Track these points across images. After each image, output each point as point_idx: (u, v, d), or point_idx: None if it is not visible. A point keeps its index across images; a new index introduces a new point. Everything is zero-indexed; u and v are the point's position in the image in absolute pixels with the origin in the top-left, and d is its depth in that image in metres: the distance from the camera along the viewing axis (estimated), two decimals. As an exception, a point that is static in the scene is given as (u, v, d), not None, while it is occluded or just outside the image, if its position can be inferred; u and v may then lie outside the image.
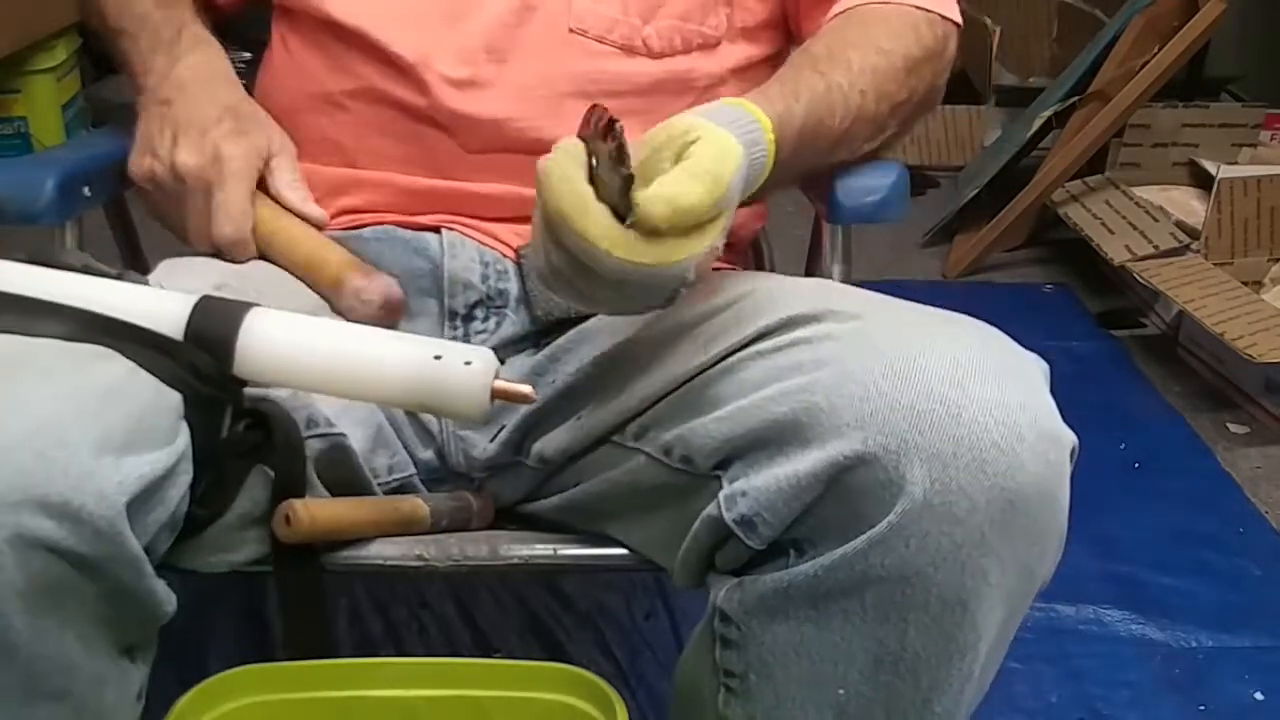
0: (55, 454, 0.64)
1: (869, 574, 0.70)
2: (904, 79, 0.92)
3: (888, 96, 0.91)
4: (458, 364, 0.73)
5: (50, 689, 0.68)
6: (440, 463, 0.95)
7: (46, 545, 0.64)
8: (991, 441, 0.69)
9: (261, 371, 0.74)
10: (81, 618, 0.68)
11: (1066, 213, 2.36)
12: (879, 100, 0.90)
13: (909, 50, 0.92)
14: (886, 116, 0.92)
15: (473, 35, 0.93)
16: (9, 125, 2.51)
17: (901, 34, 0.93)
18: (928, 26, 0.95)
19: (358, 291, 0.91)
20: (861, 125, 0.90)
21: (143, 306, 0.74)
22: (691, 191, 0.71)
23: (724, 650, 0.78)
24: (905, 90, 0.92)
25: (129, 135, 0.98)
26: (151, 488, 0.69)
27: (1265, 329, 1.90)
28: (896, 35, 0.93)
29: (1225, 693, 1.40)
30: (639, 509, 0.86)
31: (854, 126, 0.89)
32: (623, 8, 0.95)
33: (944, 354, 0.71)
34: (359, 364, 0.75)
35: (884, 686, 0.73)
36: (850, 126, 0.89)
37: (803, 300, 0.78)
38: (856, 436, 0.69)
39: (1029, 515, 0.70)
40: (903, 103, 0.93)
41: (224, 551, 0.83)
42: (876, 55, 0.91)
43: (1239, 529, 1.70)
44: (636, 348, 0.85)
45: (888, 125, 0.93)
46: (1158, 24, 2.32)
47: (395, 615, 1.43)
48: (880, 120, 0.92)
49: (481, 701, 0.81)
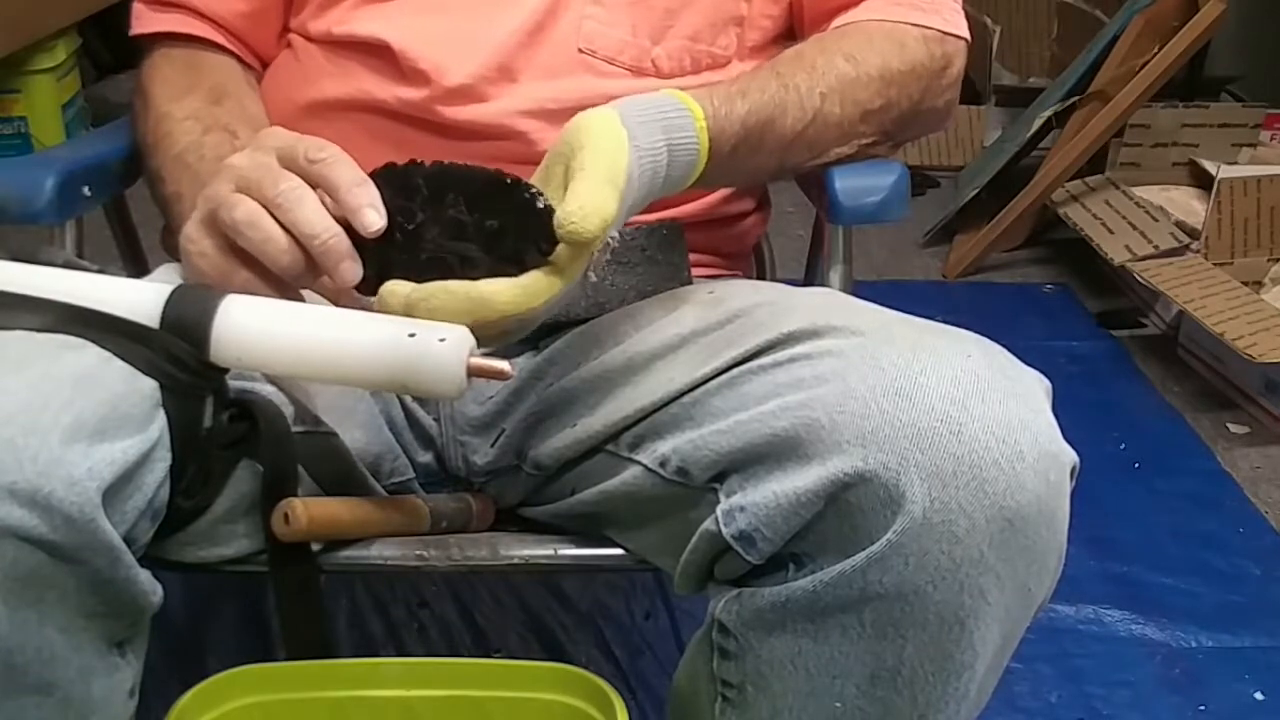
0: (24, 441, 0.64)
1: (868, 591, 0.70)
2: (879, 88, 0.92)
3: (856, 103, 0.91)
4: (432, 341, 0.73)
5: (34, 682, 0.68)
6: (439, 466, 0.95)
7: (18, 534, 0.64)
8: (992, 460, 0.69)
9: (238, 356, 0.74)
10: (62, 609, 0.68)
11: (1066, 213, 2.36)
12: (844, 104, 0.90)
13: (886, 62, 0.92)
14: (856, 122, 0.92)
15: (486, 54, 0.93)
16: (9, 125, 2.51)
17: (882, 47, 0.93)
18: (919, 43, 0.95)
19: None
20: (824, 128, 0.90)
21: (118, 297, 0.74)
22: (603, 197, 0.71)
23: (722, 661, 0.78)
24: (880, 99, 0.92)
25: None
26: (126, 474, 0.69)
27: (1265, 329, 1.90)
28: (874, 47, 0.93)
29: (1225, 693, 1.40)
30: (637, 518, 0.86)
31: (812, 128, 0.89)
32: (632, 29, 0.95)
33: (946, 371, 0.71)
34: (334, 345, 0.74)
35: (880, 702, 0.73)
36: (808, 128, 0.89)
37: (804, 315, 0.78)
38: (857, 453, 0.69)
39: (1028, 534, 0.70)
40: (876, 111, 0.92)
41: (213, 545, 0.83)
42: (844, 61, 0.91)
43: (1239, 529, 1.70)
44: (636, 356, 0.85)
45: (860, 132, 0.93)
46: (1158, 24, 2.32)
47: (395, 615, 1.44)
48: (848, 125, 0.92)
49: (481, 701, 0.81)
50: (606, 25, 0.95)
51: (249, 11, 1.00)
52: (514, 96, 0.93)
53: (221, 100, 0.96)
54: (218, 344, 0.74)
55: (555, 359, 0.91)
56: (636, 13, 0.95)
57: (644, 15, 0.95)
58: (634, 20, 0.95)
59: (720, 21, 0.97)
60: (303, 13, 1.00)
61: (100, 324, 0.72)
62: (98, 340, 0.71)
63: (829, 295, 0.91)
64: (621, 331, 0.88)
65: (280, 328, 0.75)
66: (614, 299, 0.92)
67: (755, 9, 0.99)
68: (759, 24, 1.00)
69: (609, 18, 0.95)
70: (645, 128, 0.78)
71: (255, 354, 0.75)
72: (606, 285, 0.92)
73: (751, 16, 0.99)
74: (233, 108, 0.95)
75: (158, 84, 0.98)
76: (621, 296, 0.92)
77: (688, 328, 0.84)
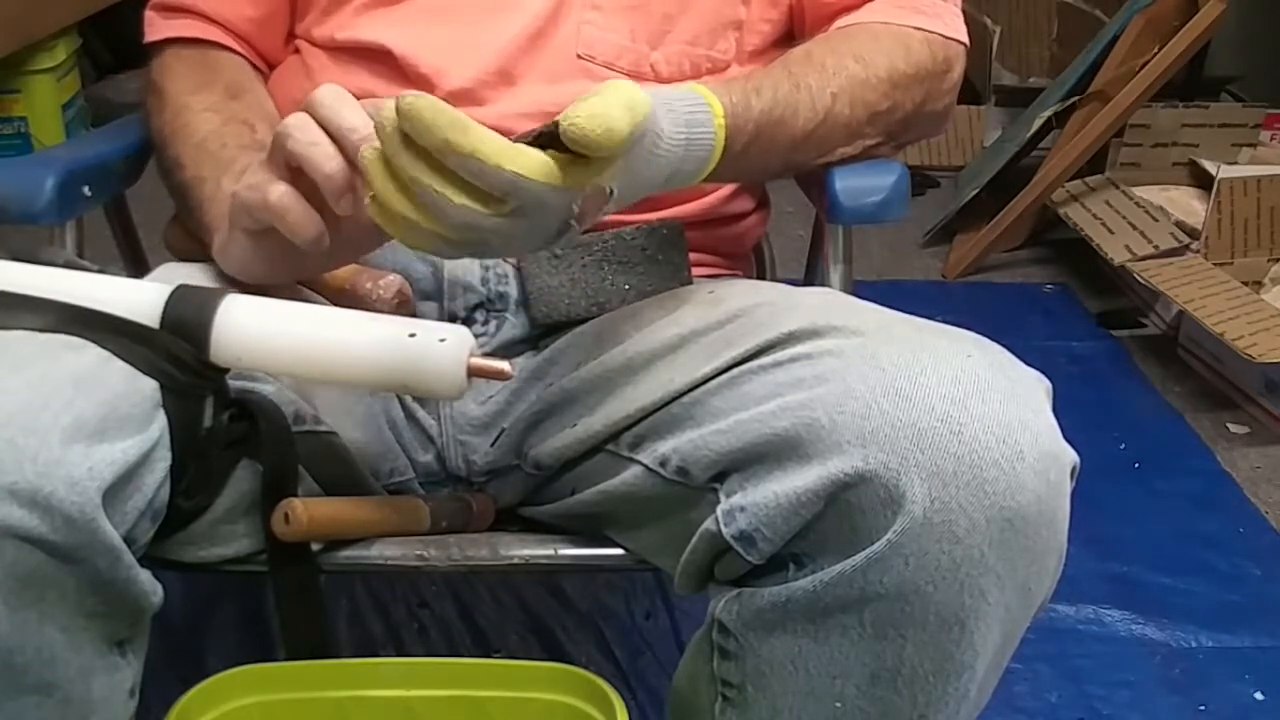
0: (24, 441, 0.64)
1: (867, 591, 0.70)
2: (886, 90, 0.92)
3: (865, 104, 0.91)
4: (432, 341, 0.73)
5: (34, 682, 0.68)
6: (440, 466, 0.95)
7: (19, 534, 0.64)
8: (992, 460, 0.69)
9: (238, 356, 0.74)
10: (63, 609, 0.68)
11: (1066, 213, 2.36)
12: (853, 105, 0.91)
13: (893, 64, 0.93)
14: (863, 124, 0.92)
15: (486, 59, 0.94)
16: (9, 125, 2.51)
17: (889, 49, 0.93)
18: (923, 46, 0.95)
19: (370, 292, 0.91)
20: (833, 128, 0.90)
21: (118, 297, 0.74)
22: (616, 113, 0.68)
23: (722, 661, 0.78)
24: (887, 101, 0.92)
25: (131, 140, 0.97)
26: (127, 475, 0.69)
27: (1265, 329, 1.90)
28: (882, 49, 0.93)
29: (1225, 693, 1.40)
30: (637, 518, 0.86)
31: (823, 128, 0.90)
32: (631, 34, 0.95)
33: (946, 371, 0.71)
34: (334, 345, 0.74)
35: (880, 702, 0.73)
36: (818, 127, 0.89)
37: (805, 315, 0.78)
38: (857, 454, 0.69)
39: (1028, 535, 0.70)
40: (883, 113, 0.93)
41: (213, 545, 0.83)
42: (854, 63, 0.91)
43: (1239, 529, 1.70)
44: (636, 356, 0.85)
45: (866, 133, 0.93)
46: (1158, 24, 2.32)
47: (395, 615, 1.44)
48: (855, 126, 0.92)
49: (481, 701, 0.81)
50: (605, 30, 0.95)
51: (257, 17, 1.01)
52: (513, 100, 0.93)
53: (239, 95, 0.97)
54: (218, 344, 0.74)
55: (555, 359, 0.91)
56: (635, 18, 0.95)
57: (642, 20, 0.95)
58: (632, 25, 0.95)
59: (719, 26, 0.97)
60: (307, 18, 1.00)
61: (100, 324, 0.72)
62: (98, 340, 0.71)
63: (829, 295, 0.91)
64: (621, 331, 0.88)
65: (280, 328, 0.75)
66: (614, 299, 0.92)
67: (754, 13, 0.99)
68: (758, 28, 1.00)
69: (607, 23, 0.95)
70: (670, 116, 0.77)
71: (255, 354, 0.75)
72: (606, 285, 0.92)
73: (750, 21, 0.99)
74: (250, 102, 0.97)
75: (172, 80, 0.99)
76: (621, 296, 0.93)
77: (688, 328, 0.84)
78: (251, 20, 1.01)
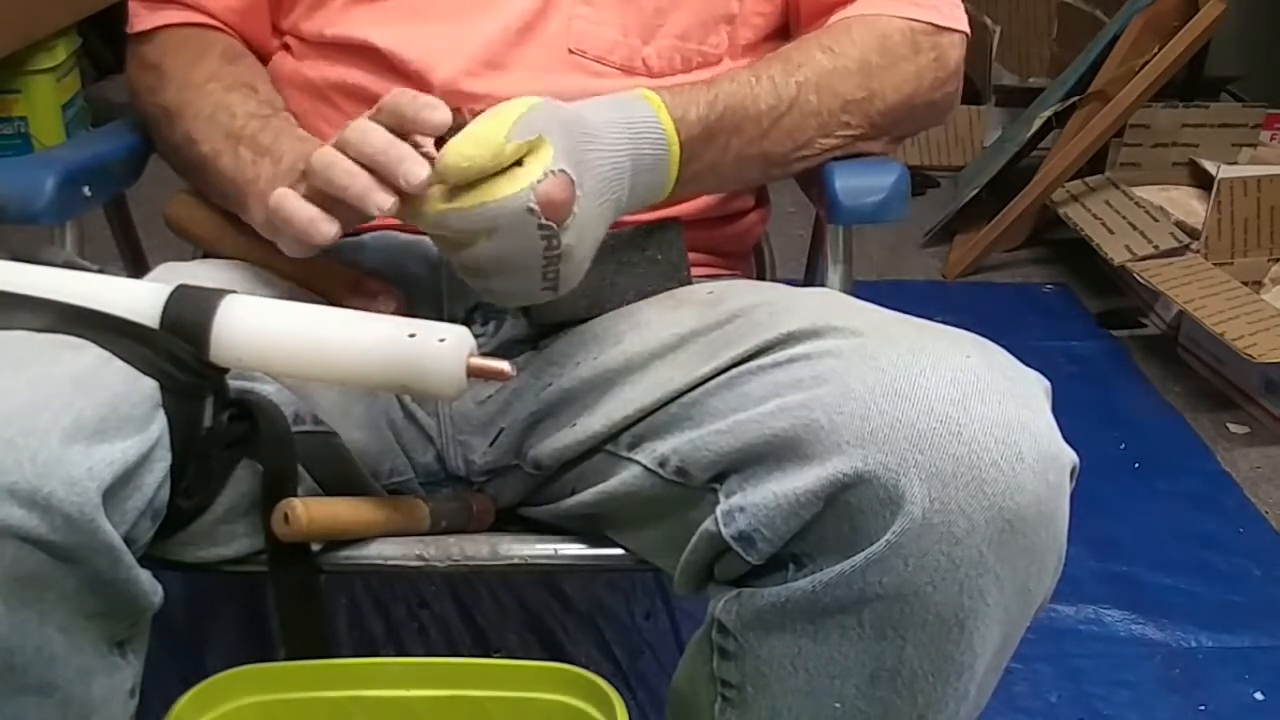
0: (24, 441, 0.64)
1: (867, 591, 0.70)
2: (859, 79, 0.92)
3: (835, 93, 0.91)
4: (432, 341, 0.73)
5: (34, 682, 0.68)
6: (439, 466, 0.95)
7: (18, 534, 0.64)
8: (991, 461, 0.69)
9: (238, 357, 0.74)
10: (63, 609, 0.68)
11: (1066, 213, 2.36)
12: (821, 93, 0.91)
13: (864, 54, 0.93)
14: (838, 112, 0.92)
15: (473, 50, 0.94)
16: (9, 125, 2.51)
17: (861, 39, 0.93)
18: (905, 35, 0.95)
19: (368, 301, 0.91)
20: (803, 116, 0.91)
21: (118, 297, 0.74)
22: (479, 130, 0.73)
23: (721, 661, 0.78)
24: (862, 90, 0.92)
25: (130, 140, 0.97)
26: (126, 475, 0.69)
27: (1265, 329, 1.90)
28: (853, 39, 0.93)
29: (1225, 693, 1.40)
30: (637, 518, 0.86)
31: (789, 117, 0.90)
32: (622, 29, 0.95)
33: (945, 372, 0.71)
34: (334, 345, 0.75)
35: (879, 702, 0.73)
36: (784, 116, 0.90)
37: (804, 315, 0.78)
38: (857, 454, 0.69)
39: (1027, 535, 0.70)
40: (858, 102, 0.92)
41: (213, 545, 0.83)
42: (821, 53, 0.92)
43: (1239, 529, 1.70)
44: (635, 356, 0.85)
45: (843, 122, 0.93)
46: (1158, 24, 2.32)
47: (395, 615, 1.44)
48: (829, 116, 0.92)
49: (481, 701, 0.81)
50: (596, 25, 0.95)
51: (239, 7, 1.02)
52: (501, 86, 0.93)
53: (236, 60, 0.99)
54: (218, 344, 0.74)
55: (554, 359, 0.91)
56: (626, 12, 0.95)
57: (634, 15, 0.95)
58: (624, 20, 0.95)
59: (711, 20, 0.97)
60: (294, 13, 1.01)
61: (100, 324, 0.72)
62: (98, 340, 0.71)
63: (829, 295, 0.91)
64: (621, 331, 0.88)
65: (280, 328, 0.75)
66: (614, 299, 0.92)
67: (747, 6, 0.99)
68: (751, 21, 1.00)
69: (598, 17, 0.95)
70: (591, 107, 0.80)
71: (255, 354, 0.75)
72: (606, 285, 0.92)
73: (743, 14, 0.99)
74: (250, 64, 0.99)
75: (170, 57, 0.99)
76: (621, 296, 0.92)
77: (687, 328, 0.84)
78: (233, 10, 1.02)
